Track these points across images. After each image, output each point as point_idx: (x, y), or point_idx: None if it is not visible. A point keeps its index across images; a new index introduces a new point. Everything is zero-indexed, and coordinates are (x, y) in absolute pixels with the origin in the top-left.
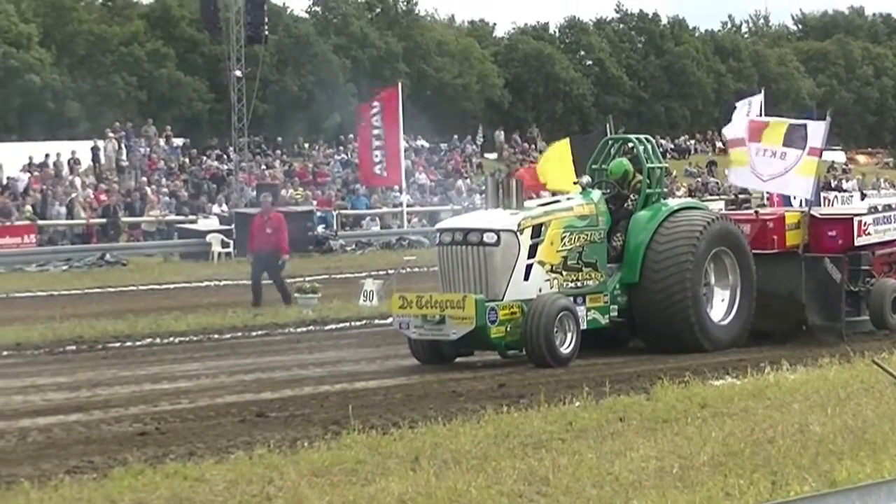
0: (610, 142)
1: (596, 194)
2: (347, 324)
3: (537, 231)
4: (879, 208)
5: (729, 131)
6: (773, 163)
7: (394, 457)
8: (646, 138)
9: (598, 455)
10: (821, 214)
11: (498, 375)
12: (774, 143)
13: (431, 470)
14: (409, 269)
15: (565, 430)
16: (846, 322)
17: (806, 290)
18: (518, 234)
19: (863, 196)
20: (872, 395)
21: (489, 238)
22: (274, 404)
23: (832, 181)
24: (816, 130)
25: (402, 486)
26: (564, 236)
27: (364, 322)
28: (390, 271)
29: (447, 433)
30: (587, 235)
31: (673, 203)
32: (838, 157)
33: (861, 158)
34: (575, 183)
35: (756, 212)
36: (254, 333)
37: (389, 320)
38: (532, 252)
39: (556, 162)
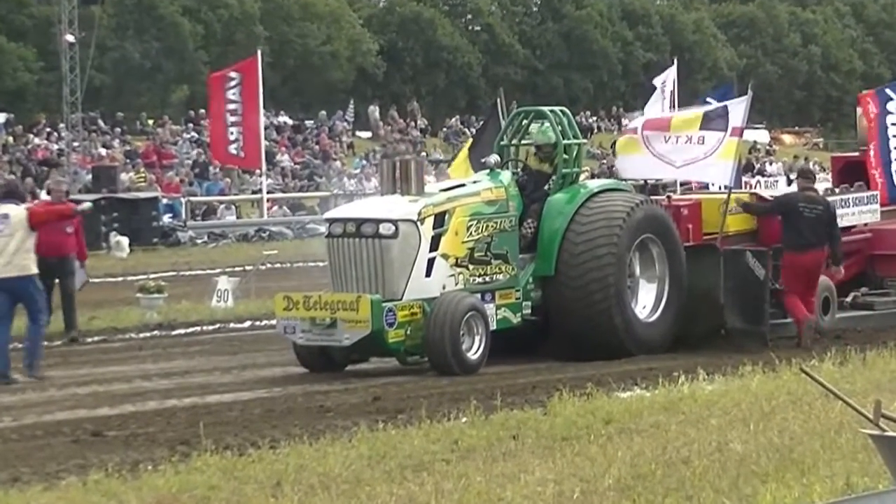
0: (522, 114)
1: (506, 176)
2: (198, 328)
3: (440, 220)
4: (837, 191)
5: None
6: (688, 149)
7: (252, 482)
8: (561, 111)
9: (487, 478)
10: (771, 196)
11: (372, 387)
12: (689, 129)
13: (296, 497)
14: (269, 265)
15: (450, 450)
16: (771, 325)
17: (725, 289)
18: (418, 223)
19: (789, 181)
20: (801, 409)
21: (385, 229)
22: (112, 422)
23: (755, 163)
24: (737, 108)
25: None
26: (471, 225)
27: (218, 326)
28: (248, 268)
29: (314, 454)
30: (496, 223)
31: (592, 185)
32: (761, 136)
33: (787, 138)
34: (482, 162)
35: (668, 197)
36: (89, 340)
37: (246, 324)
38: (434, 244)
39: (462, 163)
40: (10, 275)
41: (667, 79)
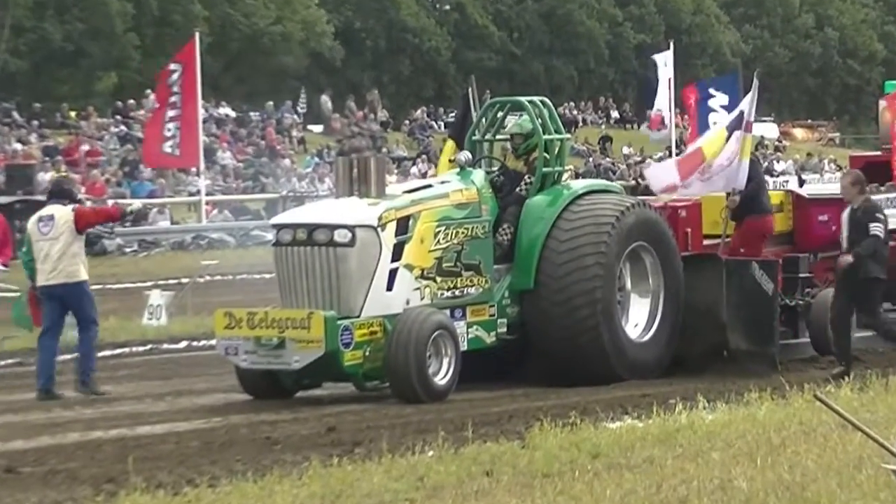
0: (497, 104)
1: (478, 175)
2: (127, 349)
3: (403, 226)
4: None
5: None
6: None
7: None
8: (541, 101)
9: None
10: (809, 194)
11: (326, 416)
12: (720, 145)
13: None
14: (208, 277)
15: (415, 488)
16: (781, 346)
17: (728, 305)
18: (378, 230)
19: (801, 181)
20: (814, 441)
21: (341, 236)
22: (28, 456)
23: (762, 161)
24: (747, 101)
25: None
26: (438, 232)
27: (149, 347)
28: (184, 280)
29: (259, 492)
30: (468, 230)
31: (577, 185)
32: (770, 130)
33: (799, 133)
34: (451, 161)
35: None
36: (1, 363)
37: (182, 344)
38: (397, 253)
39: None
40: (57, 281)
41: (666, 62)
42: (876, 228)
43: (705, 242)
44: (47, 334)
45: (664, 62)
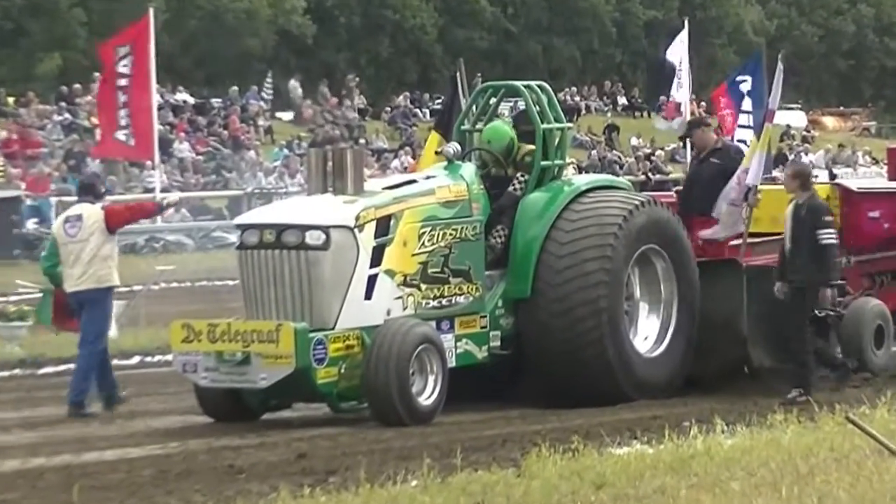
0: (489, 90)
1: (468, 170)
2: (72, 366)
3: (384, 226)
4: None
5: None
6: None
7: None
8: (539, 86)
9: None
10: (859, 188)
11: (296, 441)
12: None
13: None
14: (164, 284)
15: None
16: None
17: (749, 316)
18: (356, 231)
19: (832, 175)
20: (847, 469)
21: (313, 238)
22: None
23: (788, 154)
24: (774, 89)
25: None
26: (423, 233)
27: None
28: (136, 288)
29: None
30: (456, 231)
31: (579, 181)
32: (797, 119)
33: (830, 121)
34: (437, 153)
35: (677, 194)
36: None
37: (134, 360)
38: (377, 257)
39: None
40: (87, 287)
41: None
42: (827, 236)
43: (763, 240)
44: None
45: (679, 59)
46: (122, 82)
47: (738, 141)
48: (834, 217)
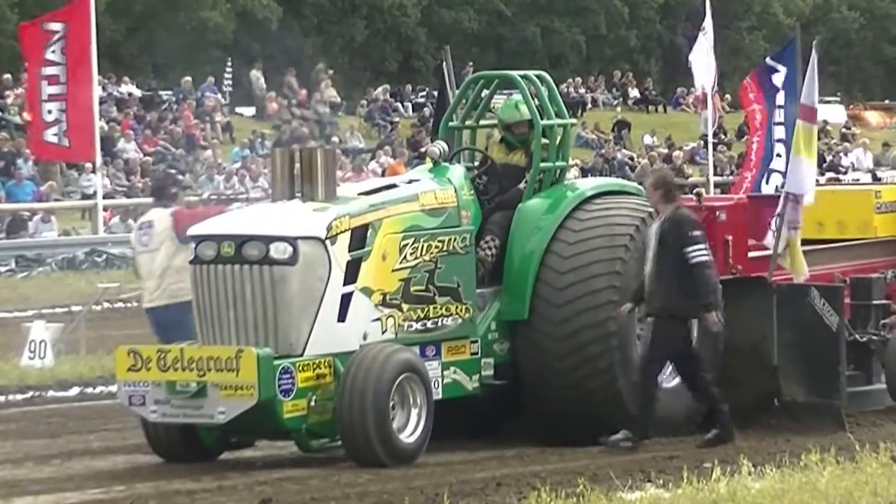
0: (481, 81)
1: (456, 173)
2: (2, 398)
3: (359, 238)
4: None
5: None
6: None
7: None
8: (538, 76)
9: None
10: None
11: (260, 484)
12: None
13: None
14: (107, 305)
15: None
16: (849, 394)
17: (780, 342)
18: (327, 243)
19: (875, 178)
20: None
21: (279, 252)
22: None
23: (826, 154)
24: (807, 81)
25: None
26: (405, 245)
27: (30, 395)
28: (76, 308)
29: None
30: (443, 243)
31: (584, 185)
32: (835, 113)
33: (872, 117)
34: (422, 153)
35: (697, 196)
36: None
37: (73, 391)
38: (351, 274)
39: None
40: (161, 303)
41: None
42: (697, 254)
43: (848, 244)
44: None
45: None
46: (51, 70)
47: (776, 141)
48: (705, 230)
